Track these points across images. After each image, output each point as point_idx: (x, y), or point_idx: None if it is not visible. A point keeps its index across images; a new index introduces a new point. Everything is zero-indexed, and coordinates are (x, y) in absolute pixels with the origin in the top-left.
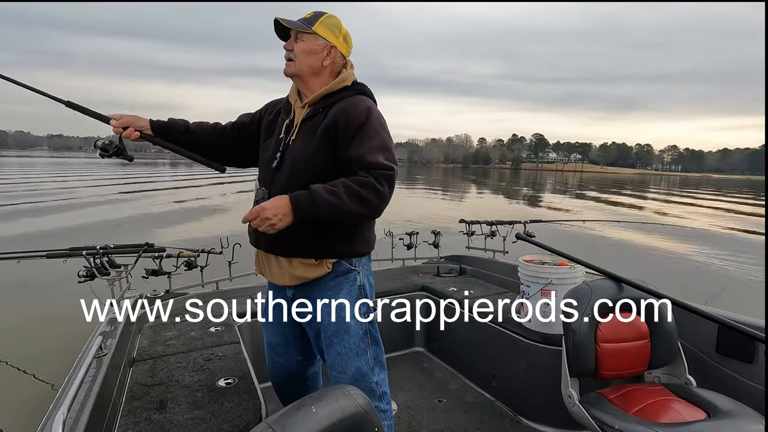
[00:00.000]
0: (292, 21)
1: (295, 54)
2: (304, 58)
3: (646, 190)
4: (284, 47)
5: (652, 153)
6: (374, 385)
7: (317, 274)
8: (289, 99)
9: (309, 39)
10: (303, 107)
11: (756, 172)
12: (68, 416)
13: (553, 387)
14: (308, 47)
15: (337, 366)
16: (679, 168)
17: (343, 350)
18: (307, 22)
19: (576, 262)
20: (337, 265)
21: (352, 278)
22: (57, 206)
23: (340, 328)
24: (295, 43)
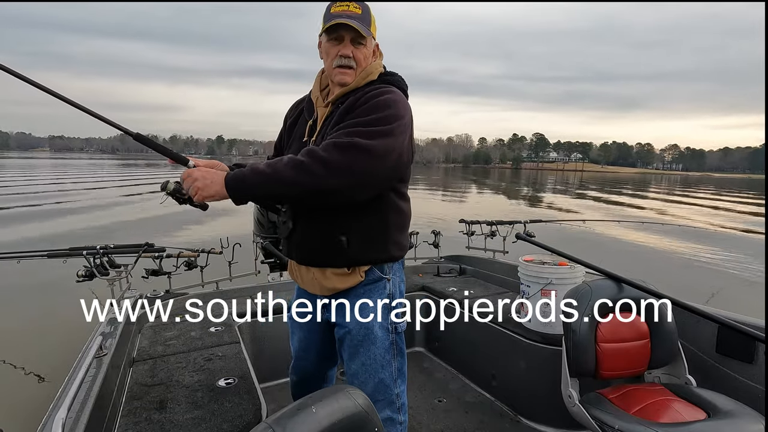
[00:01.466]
0: (360, 24)
1: (357, 61)
2: (364, 64)
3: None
4: (342, 53)
5: (652, 152)
6: (395, 397)
7: (350, 284)
8: (311, 97)
9: (368, 43)
10: (326, 106)
11: (757, 170)
12: (68, 416)
13: (553, 387)
14: (369, 51)
15: (360, 376)
16: (680, 167)
17: (367, 360)
18: (366, 23)
19: (576, 262)
20: (369, 273)
21: (382, 286)
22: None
23: (367, 337)
24: (356, 48)
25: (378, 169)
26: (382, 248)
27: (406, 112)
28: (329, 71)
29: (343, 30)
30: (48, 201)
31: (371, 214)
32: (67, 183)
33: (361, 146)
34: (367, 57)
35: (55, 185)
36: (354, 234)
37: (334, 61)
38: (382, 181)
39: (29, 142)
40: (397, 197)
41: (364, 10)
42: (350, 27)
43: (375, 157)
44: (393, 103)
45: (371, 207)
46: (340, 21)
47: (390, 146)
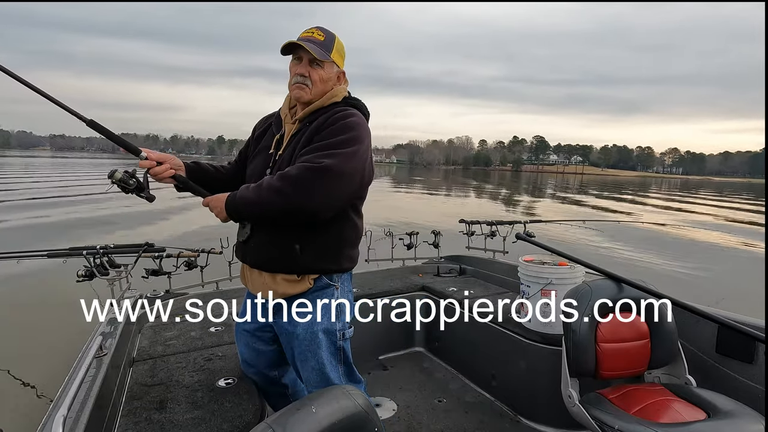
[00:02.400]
0: (315, 47)
1: (313, 81)
2: (320, 86)
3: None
4: (298, 72)
5: (652, 156)
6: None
7: (299, 290)
8: (281, 113)
9: (327, 66)
10: (293, 123)
11: (757, 175)
12: (68, 416)
13: (553, 387)
14: (326, 75)
15: (313, 381)
16: (680, 171)
17: (316, 365)
18: (325, 48)
19: (576, 262)
20: (318, 280)
21: (330, 293)
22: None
23: (314, 342)
24: (312, 69)
25: (347, 191)
26: (333, 260)
27: (366, 135)
28: (289, 86)
29: (302, 51)
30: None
31: (328, 227)
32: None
33: (327, 169)
34: (324, 79)
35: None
36: (308, 244)
37: (292, 78)
38: (348, 201)
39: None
40: (353, 213)
41: (327, 38)
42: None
43: (345, 180)
44: (357, 126)
45: (329, 221)
46: (295, 41)
47: (358, 169)
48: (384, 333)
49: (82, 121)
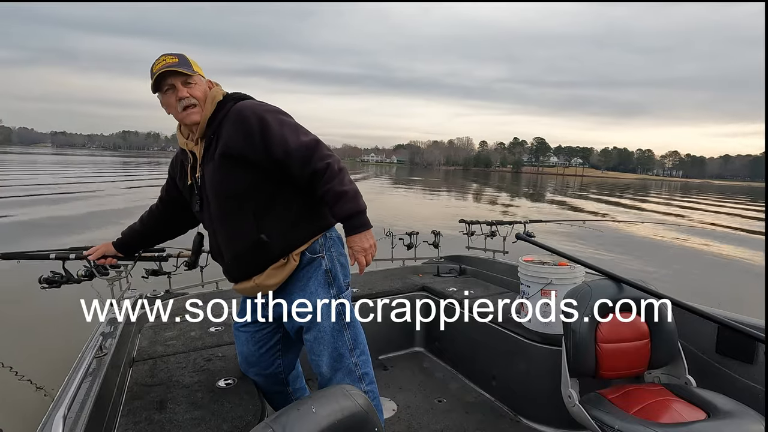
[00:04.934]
0: (178, 65)
1: (198, 99)
2: (203, 99)
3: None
4: (179, 97)
5: (653, 158)
6: (353, 366)
7: (289, 272)
8: (181, 147)
9: (198, 81)
10: (197, 143)
11: (757, 178)
12: (68, 416)
13: (553, 387)
14: (202, 87)
15: (315, 350)
16: (680, 174)
17: (318, 334)
18: (187, 66)
19: (576, 262)
20: (302, 256)
21: (317, 264)
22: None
23: (314, 315)
24: (189, 89)
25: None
26: (303, 227)
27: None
28: (179, 117)
29: (170, 78)
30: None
31: (274, 204)
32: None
33: (317, 140)
34: (204, 92)
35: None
36: (268, 229)
37: (178, 105)
38: None
39: (31, 137)
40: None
41: (180, 58)
42: (175, 72)
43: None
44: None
45: (274, 200)
46: (163, 71)
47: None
48: (384, 333)
49: None
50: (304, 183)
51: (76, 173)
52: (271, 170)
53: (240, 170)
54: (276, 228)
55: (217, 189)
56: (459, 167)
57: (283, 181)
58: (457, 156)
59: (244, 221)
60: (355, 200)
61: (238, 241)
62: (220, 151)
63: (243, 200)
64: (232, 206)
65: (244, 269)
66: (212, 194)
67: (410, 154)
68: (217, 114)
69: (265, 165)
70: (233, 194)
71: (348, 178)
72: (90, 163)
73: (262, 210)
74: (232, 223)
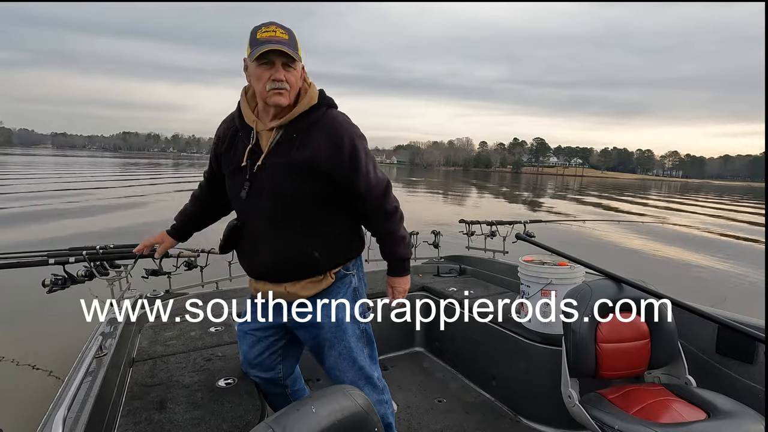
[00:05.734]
0: (291, 50)
1: (290, 84)
2: (296, 87)
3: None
4: (274, 77)
5: (653, 158)
6: (376, 380)
7: (324, 287)
8: (247, 122)
9: (297, 66)
10: (270, 130)
11: (757, 178)
12: (68, 416)
13: (553, 387)
14: (298, 74)
15: (339, 366)
16: (680, 174)
17: (343, 350)
18: (295, 47)
19: (576, 262)
20: (337, 273)
21: (348, 281)
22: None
23: (339, 329)
24: (286, 72)
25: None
26: (347, 251)
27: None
28: (262, 94)
29: (273, 55)
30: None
31: (334, 224)
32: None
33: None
34: (298, 79)
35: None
36: (323, 247)
37: (267, 84)
38: None
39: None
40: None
41: (290, 36)
42: (280, 52)
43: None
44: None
45: (330, 219)
46: (272, 47)
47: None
48: (384, 333)
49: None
50: (364, 214)
51: (113, 176)
52: (339, 191)
53: (314, 182)
54: (325, 245)
55: (280, 190)
56: (459, 168)
57: (343, 202)
58: (457, 156)
59: (296, 231)
60: (409, 247)
61: (285, 248)
62: (305, 158)
63: (302, 210)
64: (289, 213)
65: (280, 275)
66: (270, 192)
67: (410, 154)
68: (308, 114)
69: (337, 186)
70: (296, 202)
71: (404, 224)
72: (118, 166)
73: (315, 224)
74: (284, 229)
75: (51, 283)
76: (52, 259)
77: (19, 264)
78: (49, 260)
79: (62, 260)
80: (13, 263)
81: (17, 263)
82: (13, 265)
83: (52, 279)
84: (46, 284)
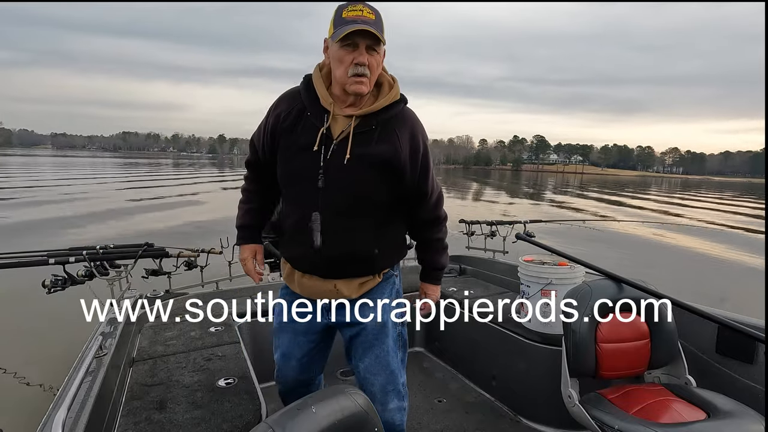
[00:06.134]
0: (378, 31)
1: (371, 68)
2: (376, 74)
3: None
4: (358, 61)
5: (653, 155)
6: (401, 386)
7: (371, 287)
8: (322, 103)
9: (381, 50)
10: (347, 117)
11: (757, 174)
12: (68, 416)
13: (553, 387)
14: (381, 58)
15: (373, 369)
16: (680, 170)
17: (381, 353)
18: (381, 29)
19: (576, 262)
20: (385, 273)
21: (392, 282)
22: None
23: (382, 332)
24: (370, 56)
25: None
26: (398, 252)
27: None
28: (342, 79)
29: (358, 37)
30: None
31: (394, 223)
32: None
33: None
34: (380, 64)
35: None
36: (383, 246)
37: (349, 69)
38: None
39: (32, 139)
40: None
41: (377, 16)
42: (366, 33)
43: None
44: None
45: (393, 218)
46: (359, 28)
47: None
48: None
49: None
50: (419, 218)
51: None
52: (404, 192)
53: (388, 177)
54: (386, 244)
55: (356, 182)
56: (459, 166)
57: (403, 204)
58: (457, 154)
59: (364, 225)
60: (448, 257)
61: (349, 242)
62: (384, 152)
63: (373, 205)
64: (361, 206)
65: (334, 270)
66: (345, 183)
67: None
68: (389, 108)
69: (405, 186)
70: (369, 196)
71: None
72: (146, 165)
73: (381, 222)
74: (352, 222)
75: (51, 283)
76: (52, 259)
77: (19, 264)
78: (49, 260)
79: (62, 260)
80: (13, 263)
81: (17, 263)
82: (13, 264)
83: (52, 280)
84: (45, 285)
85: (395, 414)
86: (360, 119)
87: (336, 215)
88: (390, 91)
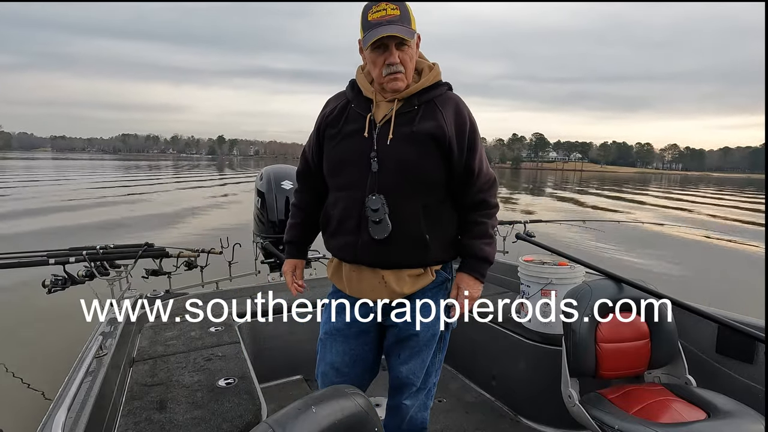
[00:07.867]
0: (403, 29)
1: (405, 64)
2: (411, 66)
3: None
4: (389, 62)
5: (652, 152)
6: (432, 386)
7: (421, 286)
8: (366, 94)
9: (412, 43)
10: (390, 101)
11: (757, 170)
12: (68, 416)
13: (553, 387)
14: (413, 49)
15: (417, 373)
16: (680, 167)
17: (426, 358)
18: (409, 23)
19: (576, 262)
20: (438, 273)
21: (445, 286)
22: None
23: (433, 339)
24: (401, 52)
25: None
26: (452, 248)
27: None
28: (379, 80)
29: (386, 38)
30: None
31: (449, 213)
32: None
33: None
34: (413, 56)
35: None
36: (436, 234)
37: (382, 70)
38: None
39: (31, 142)
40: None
41: (402, 9)
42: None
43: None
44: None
45: (444, 206)
46: (382, 35)
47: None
48: None
49: None
50: (468, 200)
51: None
52: (453, 173)
53: (436, 155)
54: (438, 232)
55: (405, 161)
56: None
57: (454, 193)
58: None
59: (415, 208)
60: (495, 249)
61: (400, 223)
62: (429, 128)
63: (424, 188)
64: (412, 186)
65: (384, 255)
66: (395, 162)
67: None
68: (430, 89)
69: (453, 165)
70: (419, 175)
71: None
72: (171, 168)
73: (431, 209)
74: (404, 203)
75: (51, 283)
76: (53, 259)
77: (19, 264)
78: (49, 260)
79: (62, 260)
80: (13, 263)
81: (17, 263)
82: (13, 264)
83: (52, 279)
84: (45, 285)
85: (425, 412)
86: (403, 102)
87: (386, 197)
88: (429, 74)
